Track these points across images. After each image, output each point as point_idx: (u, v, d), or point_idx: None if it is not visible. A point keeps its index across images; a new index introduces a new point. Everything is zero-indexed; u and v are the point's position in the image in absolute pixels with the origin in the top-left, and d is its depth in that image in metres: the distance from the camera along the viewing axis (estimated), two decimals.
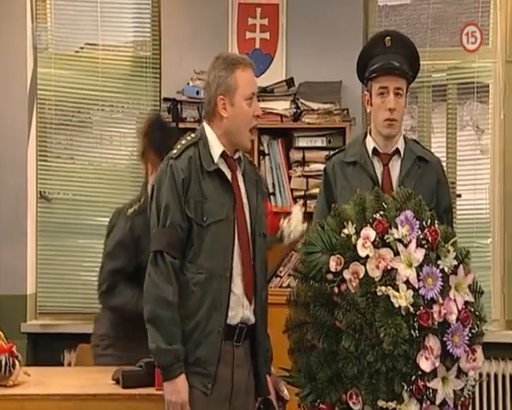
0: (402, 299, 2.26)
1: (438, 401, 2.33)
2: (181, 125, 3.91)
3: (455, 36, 4.19)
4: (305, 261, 2.43)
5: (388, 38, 2.71)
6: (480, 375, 2.46)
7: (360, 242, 2.34)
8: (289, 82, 4.02)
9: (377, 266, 2.31)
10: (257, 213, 2.54)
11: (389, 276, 2.31)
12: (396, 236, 2.34)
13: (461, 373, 2.37)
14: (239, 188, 2.51)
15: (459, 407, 2.38)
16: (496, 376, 4.03)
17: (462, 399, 2.38)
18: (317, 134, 3.94)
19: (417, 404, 2.31)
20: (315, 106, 3.92)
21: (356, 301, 2.31)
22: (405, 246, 2.33)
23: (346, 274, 2.33)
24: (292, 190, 3.98)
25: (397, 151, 2.73)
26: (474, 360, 2.37)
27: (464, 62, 4.17)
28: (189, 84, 3.99)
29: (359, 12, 4.19)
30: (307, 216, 3.69)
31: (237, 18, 4.17)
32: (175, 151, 2.50)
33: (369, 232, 2.34)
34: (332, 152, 3.35)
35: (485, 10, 4.14)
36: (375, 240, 2.34)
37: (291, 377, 2.51)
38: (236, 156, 2.54)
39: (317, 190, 3.87)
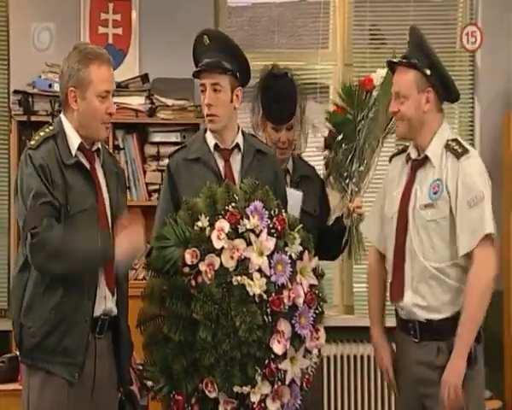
0: (256, 287, 2.29)
1: (287, 381, 2.39)
2: (33, 119, 3.74)
3: (292, 38, 4.29)
4: (158, 256, 2.38)
5: (206, 36, 2.70)
6: (319, 352, 2.55)
7: (215, 234, 2.32)
8: (144, 78, 3.95)
9: (231, 257, 2.32)
10: (117, 205, 2.48)
11: (243, 265, 2.32)
12: (248, 226, 2.35)
13: (306, 352, 2.45)
14: (98, 179, 2.44)
15: (304, 384, 2.47)
16: (335, 357, 4.17)
17: (307, 376, 2.47)
18: (171, 129, 3.90)
19: (269, 386, 2.36)
20: (169, 102, 3.88)
21: (212, 292, 2.30)
22: (257, 236, 2.35)
23: (202, 266, 2.31)
24: (147, 183, 3.92)
25: (237, 146, 2.72)
26: (318, 339, 2.47)
27: (308, 64, 4.28)
28: (40, 76, 3.80)
29: (210, 11, 4.18)
30: None
31: (89, 12, 4.03)
32: (33, 142, 2.39)
33: (223, 224, 2.33)
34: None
35: (325, 15, 4.29)
36: (228, 231, 2.34)
37: (145, 371, 2.46)
38: (95, 148, 2.46)
39: None
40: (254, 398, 2.33)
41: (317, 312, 2.44)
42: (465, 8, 4.28)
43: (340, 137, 2.91)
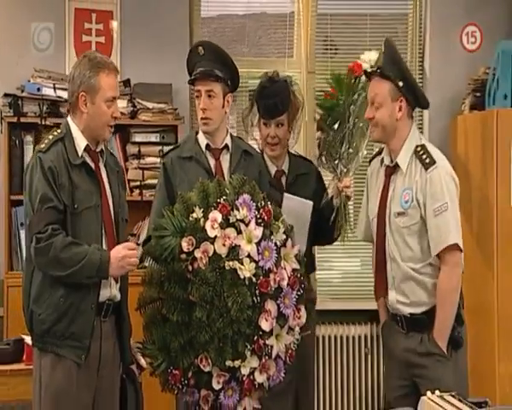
0: (246, 271, 2.39)
1: (273, 355, 2.50)
2: (22, 120, 3.78)
3: (261, 48, 4.38)
4: (157, 244, 2.46)
5: (200, 47, 2.80)
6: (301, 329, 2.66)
7: (209, 224, 2.42)
8: (126, 83, 4.00)
9: (224, 244, 2.41)
10: (119, 201, 2.56)
11: (234, 252, 2.42)
12: (238, 217, 2.45)
13: (289, 330, 2.56)
14: (102, 178, 2.52)
15: (287, 358, 2.58)
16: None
17: (290, 351, 2.58)
18: (151, 130, 3.97)
19: (257, 360, 2.47)
20: (150, 105, 3.96)
21: (206, 276, 2.38)
22: (246, 225, 2.45)
23: (197, 253, 2.40)
24: (129, 180, 3.96)
25: (226, 146, 2.83)
26: (299, 318, 2.59)
27: None
28: (29, 81, 3.83)
29: (186, 21, 4.25)
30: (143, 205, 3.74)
31: (74, 22, 4.07)
32: (43, 145, 2.46)
33: (216, 215, 2.43)
34: (168, 148, 3.51)
35: (291, 27, 4.41)
36: (220, 222, 2.43)
37: (145, 349, 2.53)
38: (99, 149, 2.55)
39: (151, 181, 3.95)
40: (244, 371, 2.43)
41: (298, 293, 2.55)
42: (414, 21, 4.47)
43: (329, 120, 2.95)
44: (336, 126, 2.92)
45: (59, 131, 2.51)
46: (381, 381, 4.39)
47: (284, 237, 2.54)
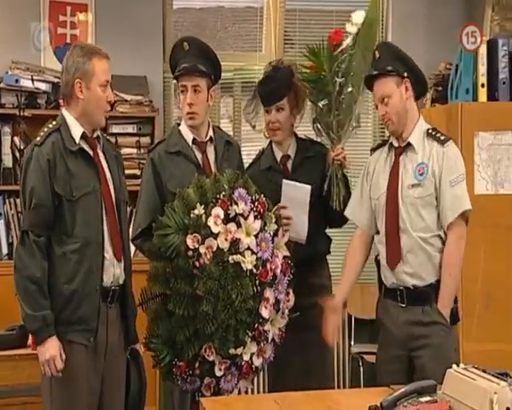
0: (248, 263, 2.42)
1: (269, 339, 2.56)
2: (0, 111, 3.69)
3: (235, 41, 4.42)
4: (160, 242, 2.44)
5: (185, 43, 2.78)
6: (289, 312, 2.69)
7: (212, 220, 2.41)
8: None
9: (226, 239, 2.42)
10: (119, 184, 2.54)
11: (236, 246, 2.44)
12: (237, 211, 2.46)
13: (281, 313, 2.62)
14: (101, 163, 2.49)
15: (279, 340, 2.63)
16: None
17: (280, 333, 2.64)
18: (128, 122, 3.93)
19: (256, 345, 2.52)
20: (128, 97, 3.91)
21: (211, 270, 2.39)
22: (245, 219, 2.47)
23: (202, 249, 2.40)
24: None
25: (210, 139, 2.82)
26: (289, 301, 2.65)
27: (248, 65, 4.40)
28: (7, 72, 3.72)
29: (159, 14, 4.21)
30: None
31: (49, 15, 3.97)
32: (38, 139, 2.41)
33: (219, 211, 2.43)
34: (145, 139, 3.63)
35: (260, 21, 4.42)
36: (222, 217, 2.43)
37: (150, 343, 2.52)
38: (95, 135, 2.51)
39: (128, 171, 3.87)
40: (246, 357, 2.47)
41: (289, 279, 2.60)
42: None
43: (314, 93, 2.86)
44: (323, 98, 2.85)
45: (54, 123, 2.46)
46: (353, 361, 4.50)
47: (276, 226, 2.57)
